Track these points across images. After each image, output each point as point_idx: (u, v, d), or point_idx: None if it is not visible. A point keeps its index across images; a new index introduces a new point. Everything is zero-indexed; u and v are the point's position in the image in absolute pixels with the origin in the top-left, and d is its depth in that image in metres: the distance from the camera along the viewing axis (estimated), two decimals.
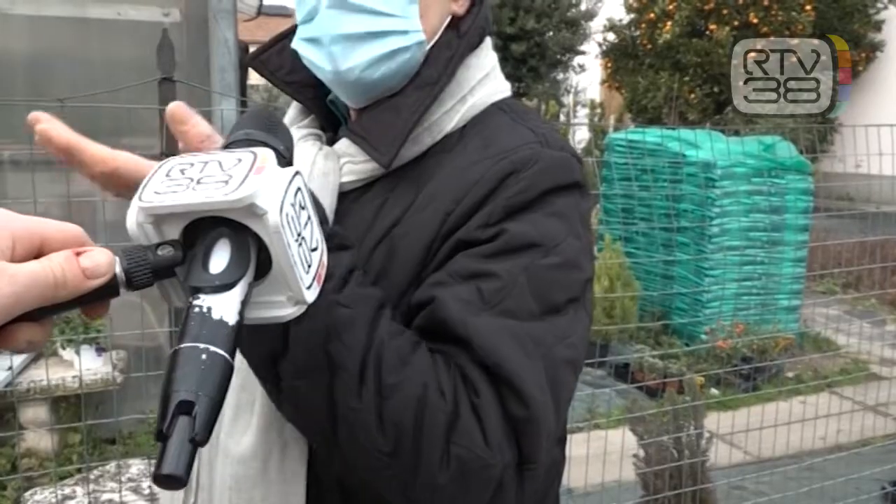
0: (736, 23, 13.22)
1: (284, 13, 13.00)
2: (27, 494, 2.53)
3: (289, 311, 0.58)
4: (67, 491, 2.52)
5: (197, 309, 0.51)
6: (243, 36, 4.30)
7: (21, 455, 3.02)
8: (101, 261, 0.50)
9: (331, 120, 0.94)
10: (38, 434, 3.05)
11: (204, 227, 0.54)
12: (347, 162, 0.85)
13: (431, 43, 0.86)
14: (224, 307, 0.52)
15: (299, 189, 0.57)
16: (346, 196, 0.85)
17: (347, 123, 0.91)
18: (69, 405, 3.27)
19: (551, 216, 0.78)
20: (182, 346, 0.49)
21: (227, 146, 0.61)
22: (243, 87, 4.12)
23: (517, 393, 0.71)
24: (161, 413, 0.47)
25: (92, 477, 2.59)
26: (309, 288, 0.57)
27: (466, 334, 0.72)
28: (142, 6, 3.57)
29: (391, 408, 0.68)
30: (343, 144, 0.87)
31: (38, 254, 0.49)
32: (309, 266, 0.58)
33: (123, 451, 3.10)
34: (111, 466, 2.73)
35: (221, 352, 0.50)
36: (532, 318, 0.74)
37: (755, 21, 13.17)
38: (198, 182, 0.53)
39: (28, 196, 1.95)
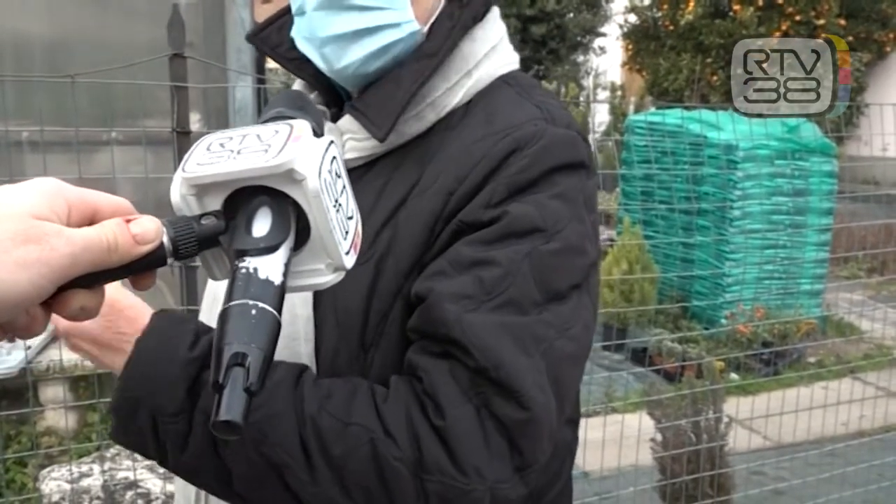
0: (760, 3, 12.97)
1: None
2: (45, 472, 2.57)
3: (328, 278, 0.59)
4: (84, 469, 2.55)
5: (244, 270, 0.53)
6: (260, 17, 4.28)
7: (41, 433, 3.05)
8: (149, 227, 0.52)
9: (334, 96, 0.92)
10: (58, 413, 3.08)
11: (244, 198, 0.56)
12: (349, 139, 0.83)
13: (432, 20, 0.83)
14: (269, 268, 0.53)
15: (335, 158, 0.59)
16: (349, 175, 0.83)
17: (350, 99, 0.88)
18: (88, 385, 3.29)
19: (555, 198, 0.77)
20: (232, 303, 0.51)
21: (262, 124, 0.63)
22: (261, 68, 4.11)
23: (516, 395, 0.69)
24: (215, 365, 0.48)
25: (108, 455, 2.62)
26: (347, 254, 0.59)
27: (462, 337, 0.70)
28: None
29: (350, 476, 0.69)
30: (345, 121, 0.85)
31: (90, 222, 0.52)
32: (347, 233, 0.59)
33: None
34: None
35: (270, 308, 0.51)
36: (535, 308, 0.73)
37: (780, 1, 12.91)
38: (238, 153, 0.55)
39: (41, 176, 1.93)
